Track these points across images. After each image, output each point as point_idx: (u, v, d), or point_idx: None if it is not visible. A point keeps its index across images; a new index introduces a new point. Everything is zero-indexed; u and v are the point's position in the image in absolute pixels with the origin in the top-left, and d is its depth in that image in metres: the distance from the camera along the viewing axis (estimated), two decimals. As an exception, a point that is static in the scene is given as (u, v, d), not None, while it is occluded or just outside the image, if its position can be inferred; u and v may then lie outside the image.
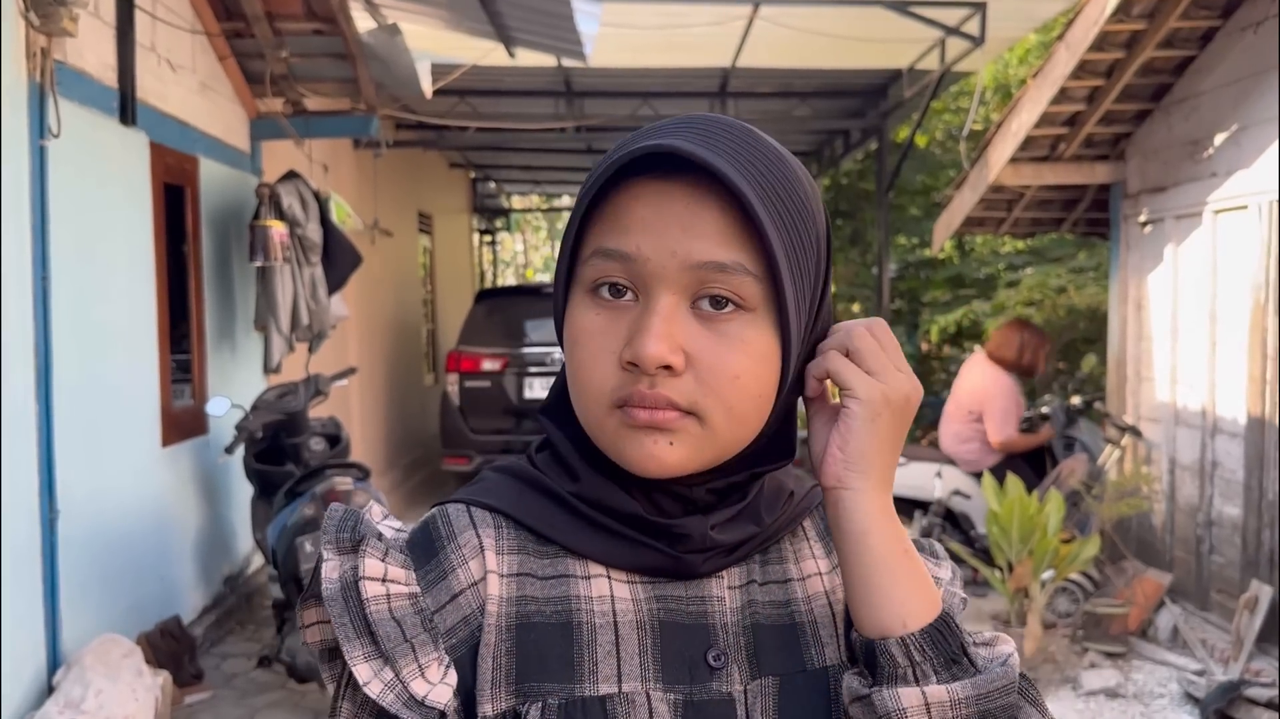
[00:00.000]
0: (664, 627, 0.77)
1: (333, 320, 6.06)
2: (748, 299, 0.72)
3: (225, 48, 5.49)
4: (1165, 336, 5.54)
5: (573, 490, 0.78)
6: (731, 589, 0.80)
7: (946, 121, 11.56)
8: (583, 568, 0.77)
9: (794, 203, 0.74)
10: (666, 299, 0.72)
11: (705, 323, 0.72)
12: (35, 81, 3.67)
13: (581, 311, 0.75)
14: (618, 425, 0.73)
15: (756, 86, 8.63)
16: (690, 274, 0.71)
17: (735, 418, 0.74)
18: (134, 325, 4.56)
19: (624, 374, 0.72)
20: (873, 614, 0.74)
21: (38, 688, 3.67)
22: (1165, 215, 5.49)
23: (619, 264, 0.72)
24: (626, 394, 0.72)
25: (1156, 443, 5.61)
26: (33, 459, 3.67)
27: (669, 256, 0.71)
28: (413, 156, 10.21)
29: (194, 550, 5.14)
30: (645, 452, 0.73)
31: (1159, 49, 5.09)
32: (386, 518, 0.82)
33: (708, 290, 0.72)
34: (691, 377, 0.72)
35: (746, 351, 0.73)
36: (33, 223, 3.67)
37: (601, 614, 0.76)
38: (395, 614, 0.73)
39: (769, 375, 0.74)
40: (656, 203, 0.72)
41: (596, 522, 0.77)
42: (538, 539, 0.78)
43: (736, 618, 0.79)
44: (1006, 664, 0.74)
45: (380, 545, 0.76)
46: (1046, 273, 8.37)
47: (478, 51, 6.58)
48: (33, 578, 3.67)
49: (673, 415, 0.72)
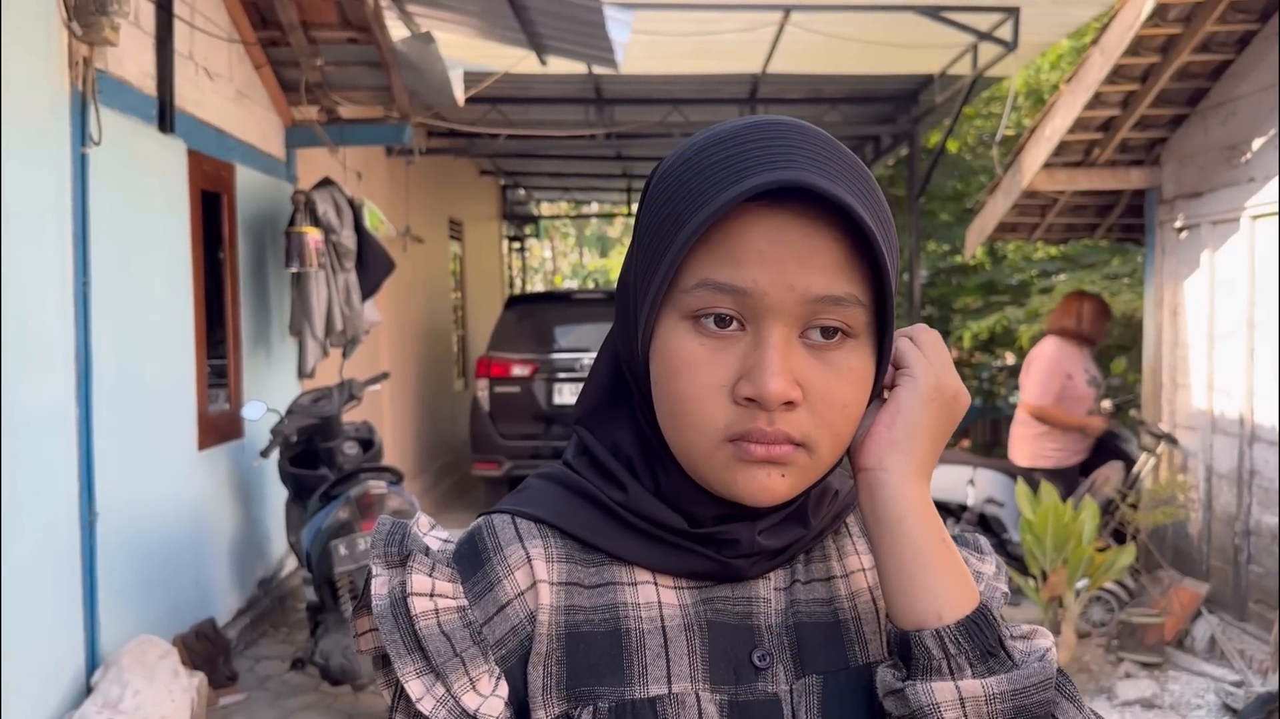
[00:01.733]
0: (710, 627, 0.77)
1: (366, 326, 6.11)
2: (854, 328, 0.73)
3: (261, 56, 5.56)
4: (1202, 343, 5.47)
5: (619, 500, 0.78)
6: (777, 590, 0.80)
7: (978, 127, 11.50)
8: (629, 574, 0.78)
9: (889, 220, 0.75)
10: (779, 331, 0.71)
11: (814, 352, 0.72)
12: (77, 90, 3.73)
13: (681, 340, 0.73)
14: (729, 459, 0.73)
15: (786, 92, 8.63)
16: (805, 307, 0.71)
17: (839, 444, 0.75)
18: (172, 330, 4.61)
19: (738, 409, 0.72)
20: (908, 605, 0.74)
21: (76, 688, 3.72)
22: (1201, 221, 5.44)
23: (730, 296, 0.71)
24: (744, 430, 0.72)
25: (1193, 451, 5.55)
26: (73, 462, 3.72)
27: (786, 291, 0.70)
28: (444, 164, 10.27)
29: (229, 553, 5.19)
30: (758, 485, 0.73)
31: (1195, 53, 5.04)
32: (434, 528, 0.82)
33: (819, 321, 0.72)
34: (805, 409, 0.72)
35: (854, 380, 0.73)
36: (74, 229, 3.73)
37: (649, 619, 0.76)
38: (444, 629, 0.74)
39: (866, 397, 0.75)
40: (773, 235, 0.70)
41: (642, 530, 0.77)
42: (583, 548, 0.79)
43: (781, 618, 0.79)
44: (1044, 659, 0.72)
45: (427, 560, 0.76)
46: (1080, 279, 8.29)
47: (510, 59, 6.62)
48: (72, 579, 3.73)
49: (788, 449, 0.72)
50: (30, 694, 3.44)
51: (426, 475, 9.31)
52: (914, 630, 0.73)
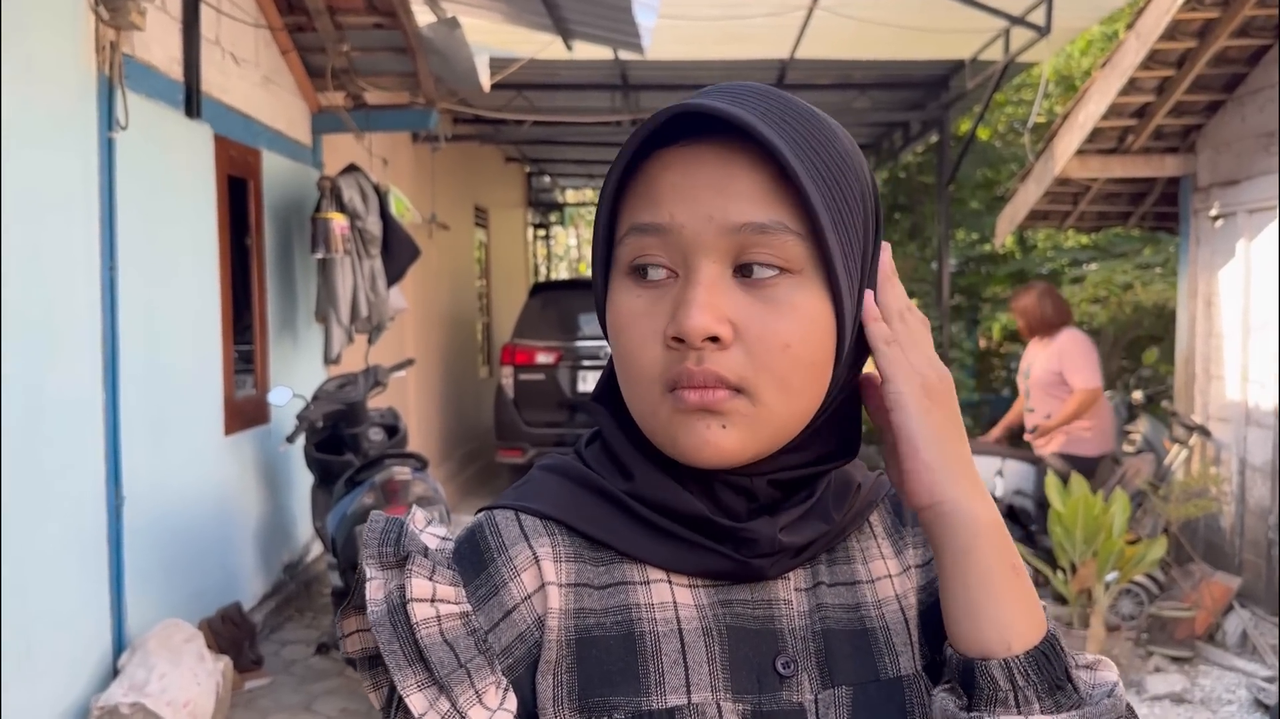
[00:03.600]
0: (730, 632, 0.73)
1: (391, 312, 6.11)
2: (792, 261, 0.68)
3: (288, 42, 5.55)
4: (1236, 334, 5.39)
5: (626, 489, 0.73)
6: (799, 591, 0.76)
7: (1009, 114, 11.38)
8: (641, 573, 0.73)
9: (831, 157, 0.69)
10: (708, 268, 0.68)
11: (750, 290, 0.68)
12: (104, 75, 3.74)
13: (622, 295, 0.71)
14: (670, 412, 0.69)
15: (815, 78, 8.55)
16: (729, 239, 0.67)
17: (789, 391, 0.69)
18: (198, 316, 4.62)
19: (671, 353, 0.68)
20: (974, 633, 0.69)
21: (103, 671, 3.74)
22: (1237, 209, 5.35)
23: (655, 238, 0.69)
24: (675, 374, 0.68)
25: (1226, 443, 5.47)
26: (100, 447, 3.74)
27: (705, 222, 0.67)
28: (469, 150, 10.27)
29: (255, 538, 5.21)
30: (699, 438, 0.68)
31: (1233, 38, 4.94)
32: (430, 524, 0.77)
33: (750, 256, 0.68)
34: (740, 349, 0.67)
35: (795, 317, 0.68)
36: (101, 214, 3.74)
37: (665, 622, 0.72)
38: (447, 637, 0.69)
39: (822, 341, 0.69)
40: (686, 168, 0.68)
41: (655, 524, 0.73)
42: (592, 545, 0.74)
43: (805, 622, 0.75)
44: (1114, 695, 0.69)
45: (426, 562, 0.71)
46: (1112, 269, 8.18)
47: (535, 45, 6.59)
48: (99, 563, 3.75)
49: (723, 395, 0.67)
50: (58, 677, 3.47)
51: (451, 462, 9.33)
52: (980, 659, 0.69)
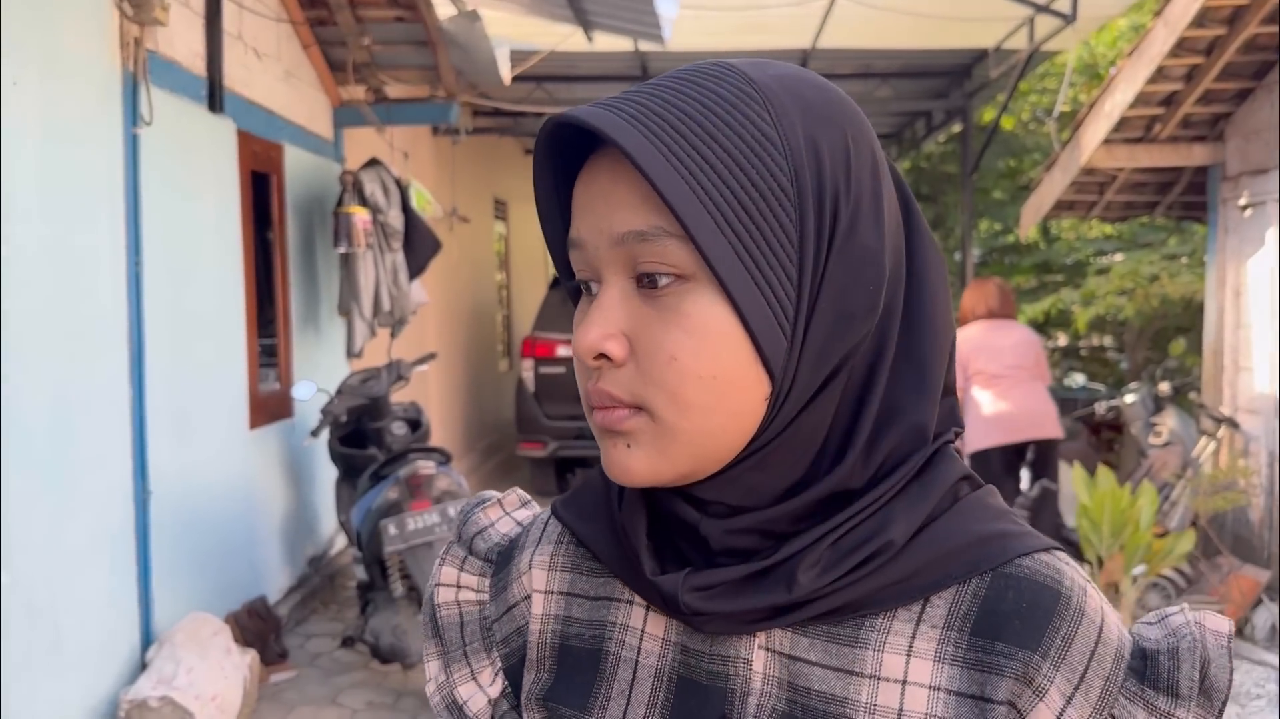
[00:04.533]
0: (681, 682, 0.67)
1: (413, 306, 6.12)
2: (680, 266, 0.61)
3: (309, 36, 5.56)
4: (1266, 324, 5.32)
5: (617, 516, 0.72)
6: (766, 650, 0.65)
7: (1033, 103, 11.28)
8: (628, 592, 0.72)
9: (732, 145, 0.60)
10: (612, 283, 0.64)
11: (649, 302, 0.63)
12: (128, 71, 3.75)
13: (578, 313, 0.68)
14: (599, 432, 0.66)
15: (836, 68, 8.49)
16: (619, 249, 0.62)
17: (683, 406, 0.61)
18: (222, 310, 4.64)
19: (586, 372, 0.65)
20: None
21: (131, 664, 3.77)
22: (1267, 199, 5.28)
23: (577, 253, 0.66)
24: (585, 395, 0.66)
25: (1255, 434, 5.40)
26: (126, 441, 3.76)
27: (599, 235, 0.63)
28: (489, 143, 10.26)
29: (280, 532, 5.24)
30: (612, 458, 0.64)
31: (1263, 24, 4.87)
32: (523, 507, 0.83)
33: (642, 266, 0.62)
34: (633, 365, 0.63)
35: (683, 326, 0.61)
36: (126, 209, 3.75)
37: (629, 647, 0.70)
38: (463, 618, 0.78)
39: (717, 351, 0.60)
40: (589, 182, 0.65)
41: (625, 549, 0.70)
42: (593, 556, 0.74)
43: (769, 689, 0.64)
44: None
45: (460, 552, 0.80)
46: (1139, 260, 8.11)
47: (556, 37, 6.57)
48: (126, 557, 3.77)
49: (622, 414, 0.63)
50: (86, 670, 3.49)
51: (472, 455, 9.35)
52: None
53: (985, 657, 0.62)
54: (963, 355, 5.53)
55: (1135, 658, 0.64)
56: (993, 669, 0.61)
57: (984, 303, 5.60)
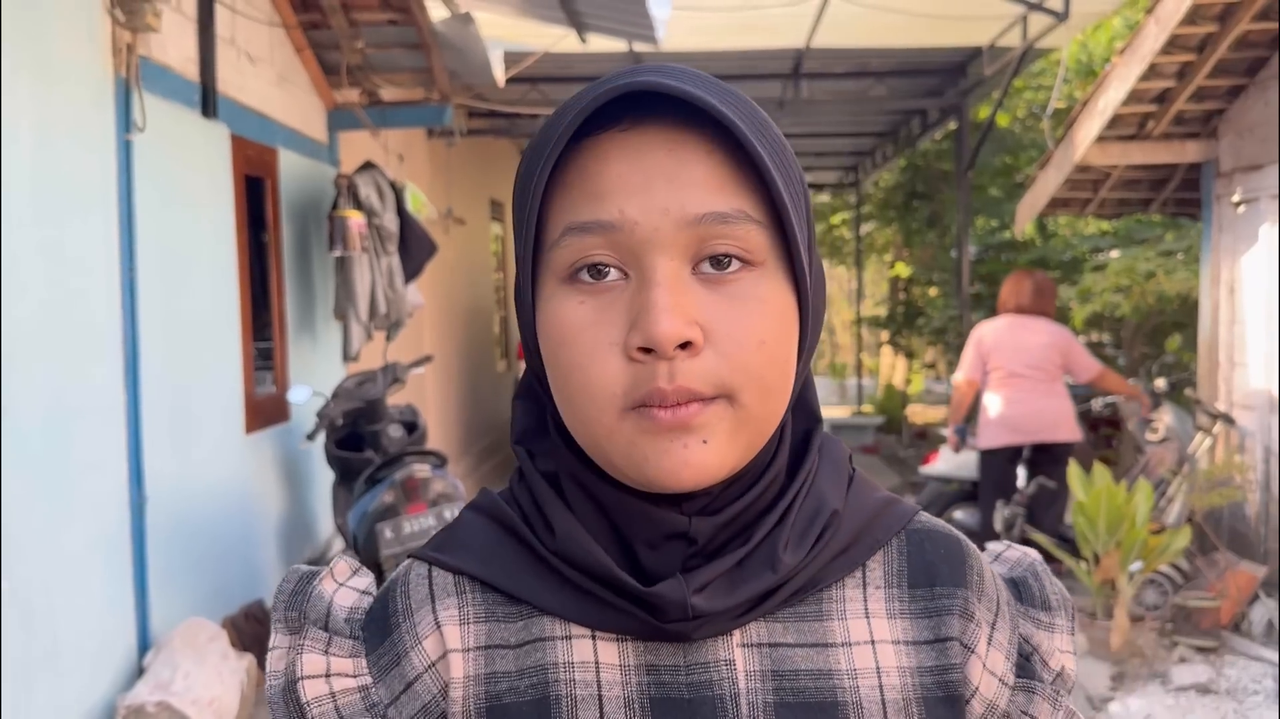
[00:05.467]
0: (655, 705, 0.63)
1: (409, 309, 6.12)
2: (754, 252, 0.61)
3: (302, 40, 5.56)
4: (1260, 320, 5.33)
5: (550, 546, 0.66)
6: (746, 648, 0.64)
7: (1028, 100, 11.29)
8: (563, 628, 0.65)
9: (778, 141, 0.64)
10: (665, 266, 0.60)
11: (713, 287, 0.61)
12: (121, 76, 3.75)
13: (560, 304, 0.62)
14: (634, 434, 0.60)
15: (831, 67, 8.50)
16: (688, 232, 0.60)
17: (769, 391, 0.62)
18: (217, 315, 4.64)
19: (635, 367, 0.60)
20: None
21: (128, 669, 3.77)
22: (1260, 195, 5.28)
23: (599, 237, 0.60)
24: (644, 393, 0.59)
25: (1251, 430, 5.41)
26: (122, 446, 3.76)
27: (660, 215, 0.59)
28: (485, 145, 10.27)
29: (276, 535, 5.24)
30: (677, 460, 0.60)
31: (1255, 21, 4.88)
32: (354, 576, 0.73)
33: (710, 249, 0.60)
34: (712, 352, 0.60)
35: (765, 312, 0.61)
36: (119, 215, 3.76)
37: (584, 684, 0.64)
38: (342, 714, 0.66)
39: (791, 336, 0.63)
40: (634, 157, 0.60)
41: (571, 580, 0.65)
42: (508, 600, 0.67)
43: (755, 686, 0.64)
44: None
45: (322, 634, 0.68)
46: (1135, 256, 8.11)
47: (549, 38, 6.58)
48: (123, 562, 3.77)
49: (697, 408, 0.59)
50: (83, 676, 3.50)
51: (469, 457, 9.36)
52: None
53: (930, 603, 0.67)
54: (984, 349, 5.51)
55: (1009, 586, 0.72)
56: (940, 612, 0.67)
57: (1015, 298, 5.53)
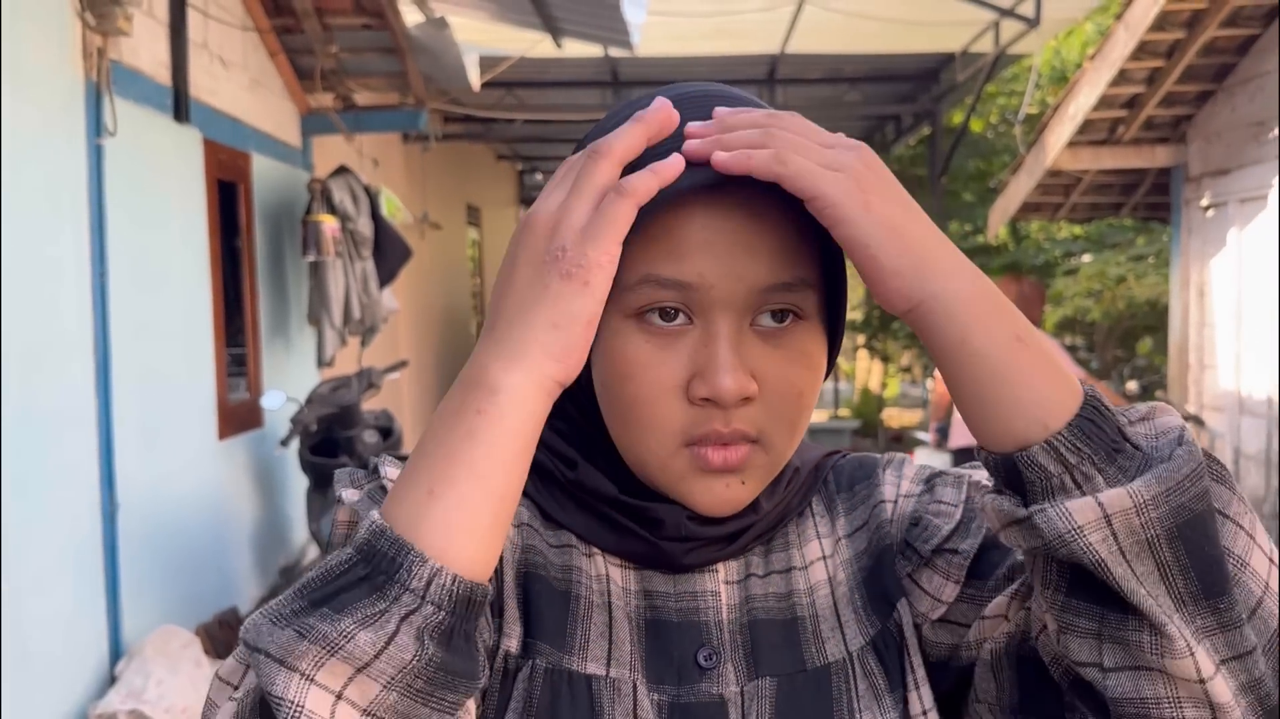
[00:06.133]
0: (649, 625, 0.73)
1: (384, 314, 6.10)
2: (805, 309, 0.69)
3: (275, 44, 5.54)
4: (1229, 323, 5.40)
5: (571, 478, 0.75)
6: (728, 584, 0.75)
7: (1000, 105, 11.38)
8: (585, 546, 0.75)
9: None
10: (730, 322, 0.67)
11: (765, 339, 0.68)
12: (92, 81, 3.72)
13: (627, 340, 0.68)
14: (686, 468, 0.69)
15: (805, 72, 8.54)
16: (756, 297, 0.67)
17: (795, 436, 0.71)
18: (190, 320, 4.61)
19: (694, 410, 0.67)
20: (1001, 426, 0.60)
21: (100, 677, 3.74)
22: (1229, 199, 5.35)
23: (676, 292, 0.66)
24: (702, 434, 0.67)
25: (1220, 432, 5.48)
26: (93, 453, 3.73)
27: (735, 282, 0.66)
28: (460, 150, 10.25)
29: (250, 542, 5.21)
30: (717, 497, 0.69)
31: (1222, 28, 4.95)
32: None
33: (769, 307, 0.68)
34: (760, 402, 0.68)
35: (807, 364, 0.69)
36: (90, 220, 3.73)
37: (600, 593, 0.73)
38: None
39: (819, 384, 0.71)
40: (716, 224, 0.66)
41: (587, 504, 0.74)
42: (543, 514, 0.76)
43: (734, 614, 0.74)
44: (1184, 442, 0.58)
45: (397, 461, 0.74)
46: (1106, 261, 8.19)
47: (525, 43, 6.58)
48: (94, 570, 3.74)
49: (745, 451, 0.68)
50: (55, 684, 3.46)
51: (447, 461, 9.32)
52: (1019, 452, 0.59)
53: (853, 500, 0.81)
54: None
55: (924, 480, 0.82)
56: (865, 499, 0.80)
57: None
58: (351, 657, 0.54)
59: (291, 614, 0.55)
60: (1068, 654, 0.62)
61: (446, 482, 0.58)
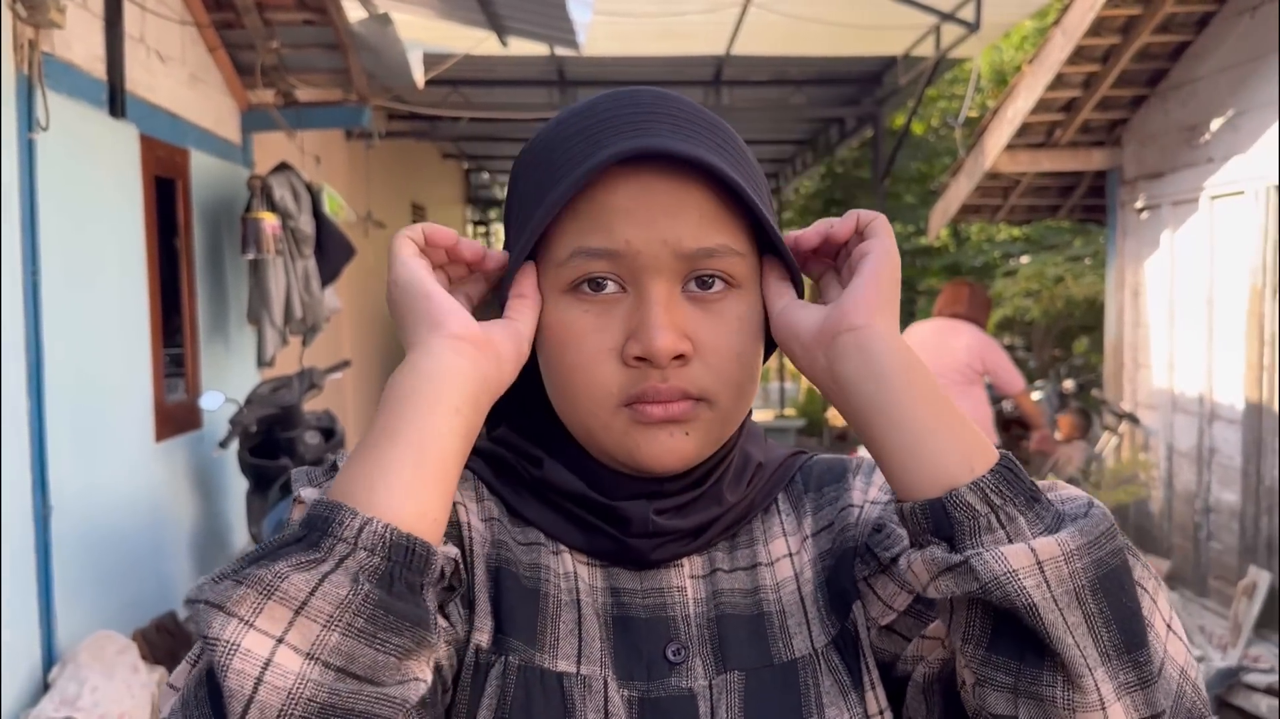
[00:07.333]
0: (617, 622, 0.74)
1: (326, 313, 6.03)
2: (735, 277, 0.72)
3: (215, 39, 5.44)
4: (1163, 323, 5.52)
5: (537, 476, 0.76)
6: (694, 579, 0.76)
7: (942, 108, 11.54)
8: (552, 544, 0.76)
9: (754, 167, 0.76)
10: (660, 287, 0.70)
11: (699, 305, 0.71)
12: (23, 74, 3.63)
13: (564, 312, 0.72)
14: (627, 424, 0.71)
15: (751, 75, 8.59)
16: (682, 261, 0.70)
17: (741, 396, 0.73)
18: (126, 319, 4.52)
19: (630, 371, 0.71)
20: (933, 464, 0.63)
21: (33, 685, 3.65)
22: (1162, 201, 5.48)
23: (605, 261, 0.70)
24: (638, 391, 0.70)
25: (1154, 429, 5.60)
26: (25, 456, 3.64)
27: (660, 246, 0.70)
28: (405, 148, 10.16)
29: (189, 546, 5.12)
30: (661, 447, 0.71)
31: (1155, 34, 5.06)
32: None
33: (697, 273, 0.71)
34: (698, 363, 0.71)
35: (742, 329, 0.72)
36: (22, 217, 3.64)
37: (568, 591, 0.74)
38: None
39: (760, 348, 0.74)
40: (639, 194, 0.70)
41: (553, 501, 0.76)
42: (511, 512, 0.78)
43: (701, 609, 0.75)
44: (1094, 504, 0.63)
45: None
46: (1044, 262, 8.35)
47: (470, 41, 6.54)
48: (27, 575, 3.65)
49: (686, 405, 0.71)
50: (-16, 693, 3.37)
51: (391, 463, 9.23)
52: (948, 493, 0.62)
53: (821, 500, 0.82)
54: None
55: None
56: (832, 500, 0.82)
57: (948, 304, 5.48)
58: (287, 596, 0.56)
59: (232, 571, 0.58)
60: (984, 707, 0.63)
61: (367, 447, 0.63)
